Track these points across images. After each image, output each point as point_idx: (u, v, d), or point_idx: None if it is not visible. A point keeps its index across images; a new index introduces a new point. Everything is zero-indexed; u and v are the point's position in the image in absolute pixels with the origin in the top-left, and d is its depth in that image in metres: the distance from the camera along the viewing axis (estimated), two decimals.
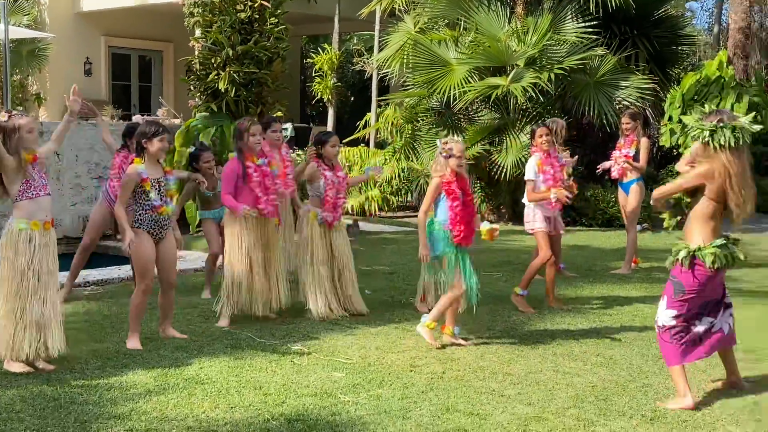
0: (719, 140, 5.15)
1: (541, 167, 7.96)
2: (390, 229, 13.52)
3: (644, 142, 9.90)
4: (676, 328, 5.35)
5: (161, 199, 6.32)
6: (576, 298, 8.50)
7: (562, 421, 5.01)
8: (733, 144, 5.14)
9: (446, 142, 6.55)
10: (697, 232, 5.30)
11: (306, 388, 5.49)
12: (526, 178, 8.07)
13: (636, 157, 9.82)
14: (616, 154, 10.05)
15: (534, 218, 7.94)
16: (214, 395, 5.31)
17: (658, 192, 5.67)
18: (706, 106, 5.19)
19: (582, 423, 5.00)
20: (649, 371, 6.03)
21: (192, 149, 8.96)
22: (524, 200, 8.12)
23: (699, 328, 5.40)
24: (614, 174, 10.11)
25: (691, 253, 5.26)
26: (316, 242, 7.41)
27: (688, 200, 5.59)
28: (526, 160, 8.45)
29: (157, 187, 6.30)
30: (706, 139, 5.19)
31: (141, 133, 6.29)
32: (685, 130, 5.45)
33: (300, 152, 15.87)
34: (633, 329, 7.23)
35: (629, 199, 9.92)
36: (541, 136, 8.00)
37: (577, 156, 10.02)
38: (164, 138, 6.30)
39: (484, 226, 6.77)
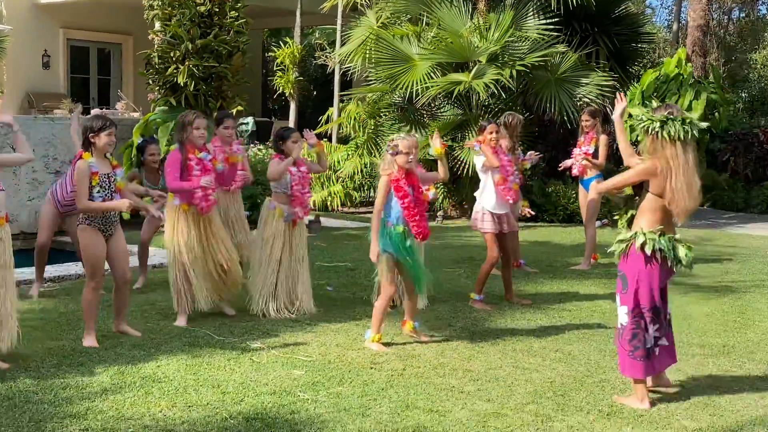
0: (669, 131, 5.16)
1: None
2: (352, 224, 13.50)
3: (603, 139, 9.97)
4: (633, 336, 5.32)
5: (105, 195, 6.23)
6: (536, 293, 8.54)
7: (520, 417, 5.04)
8: (682, 136, 5.15)
9: (393, 139, 6.50)
10: (640, 223, 5.31)
11: (265, 386, 5.46)
12: (478, 169, 8.02)
13: (596, 154, 9.89)
14: (576, 151, 10.12)
15: (483, 218, 7.85)
16: (172, 394, 5.26)
17: (602, 186, 5.70)
18: (653, 101, 5.20)
19: (540, 418, 5.03)
20: (607, 366, 6.08)
21: (140, 140, 8.82)
22: (476, 193, 8.04)
23: (650, 342, 5.32)
24: (575, 172, 10.17)
25: (630, 238, 5.28)
26: (277, 240, 7.36)
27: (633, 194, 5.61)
28: None
29: (106, 182, 6.24)
30: (656, 131, 5.19)
31: (88, 127, 6.24)
32: (635, 121, 5.40)
33: (261, 147, 15.79)
34: (591, 325, 7.28)
35: (589, 195, 9.99)
36: (491, 132, 7.90)
37: (540, 154, 10.07)
38: (112, 132, 6.24)
39: (435, 146, 6.77)
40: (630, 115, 13.56)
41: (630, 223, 5.50)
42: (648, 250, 5.20)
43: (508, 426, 4.90)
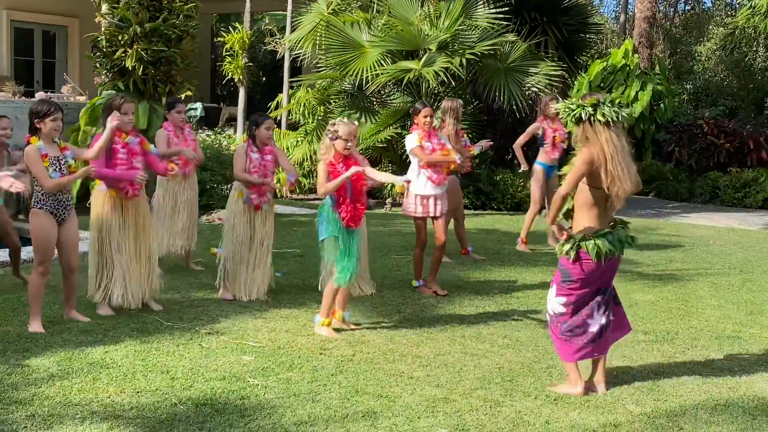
0: (603, 113, 5.17)
1: (420, 143, 7.84)
2: (301, 211, 13.47)
3: None
4: (569, 323, 5.35)
5: (61, 176, 6.15)
6: (484, 281, 8.62)
7: (469, 402, 5.09)
8: (615, 118, 5.18)
9: (334, 124, 6.45)
10: (582, 221, 5.29)
11: (214, 371, 5.44)
12: (408, 150, 7.96)
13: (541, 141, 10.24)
14: (557, 137, 10.30)
15: (409, 202, 7.84)
16: (120, 379, 5.21)
17: (562, 190, 5.72)
18: (570, 97, 5.31)
19: (488, 404, 5.08)
20: (554, 352, 6.13)
21: None
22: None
23: (594, 327, 5.35)
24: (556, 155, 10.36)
25: (576, 244, 5.24)
26: (237, 220, 7.37)
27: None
28: None
29: (56, 164, 6.15)
30: (591, 114, 5.20)
31: (34, 112, 6.14)
32: (564, 112, 5.35)
33: (210, 132, 15.65)
34: (539, 311, 7.35)
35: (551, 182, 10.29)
36: (426, 116, 7.85)
37: (491, 142, 10.16)
38: (57, 117, 6.15)
39: (398, 182, 6.72)
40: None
41: (568, 215, 5.50)
42: (601, 257, 5.20)
43: (457, 411, 4.95)
